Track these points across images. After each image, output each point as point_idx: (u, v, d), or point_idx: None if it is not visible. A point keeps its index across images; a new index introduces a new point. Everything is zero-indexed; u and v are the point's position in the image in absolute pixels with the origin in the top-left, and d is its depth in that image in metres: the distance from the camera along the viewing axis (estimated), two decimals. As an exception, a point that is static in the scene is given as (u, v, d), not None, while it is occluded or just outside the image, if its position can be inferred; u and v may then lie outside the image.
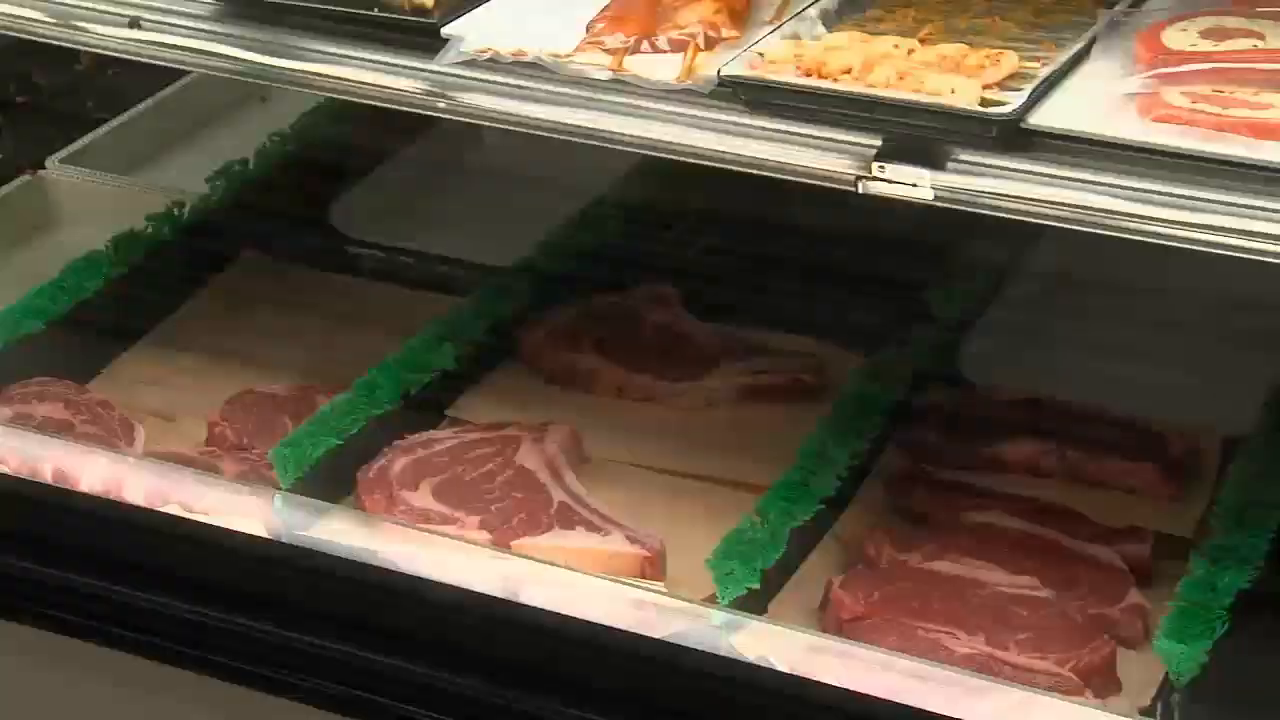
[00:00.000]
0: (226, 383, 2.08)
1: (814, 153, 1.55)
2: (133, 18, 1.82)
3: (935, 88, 1.51)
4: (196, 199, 2.31)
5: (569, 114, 1.64)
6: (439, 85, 1.69)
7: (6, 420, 1.94)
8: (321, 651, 1.74)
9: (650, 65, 1.61)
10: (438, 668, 1.71)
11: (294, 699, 1.77)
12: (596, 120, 1.62)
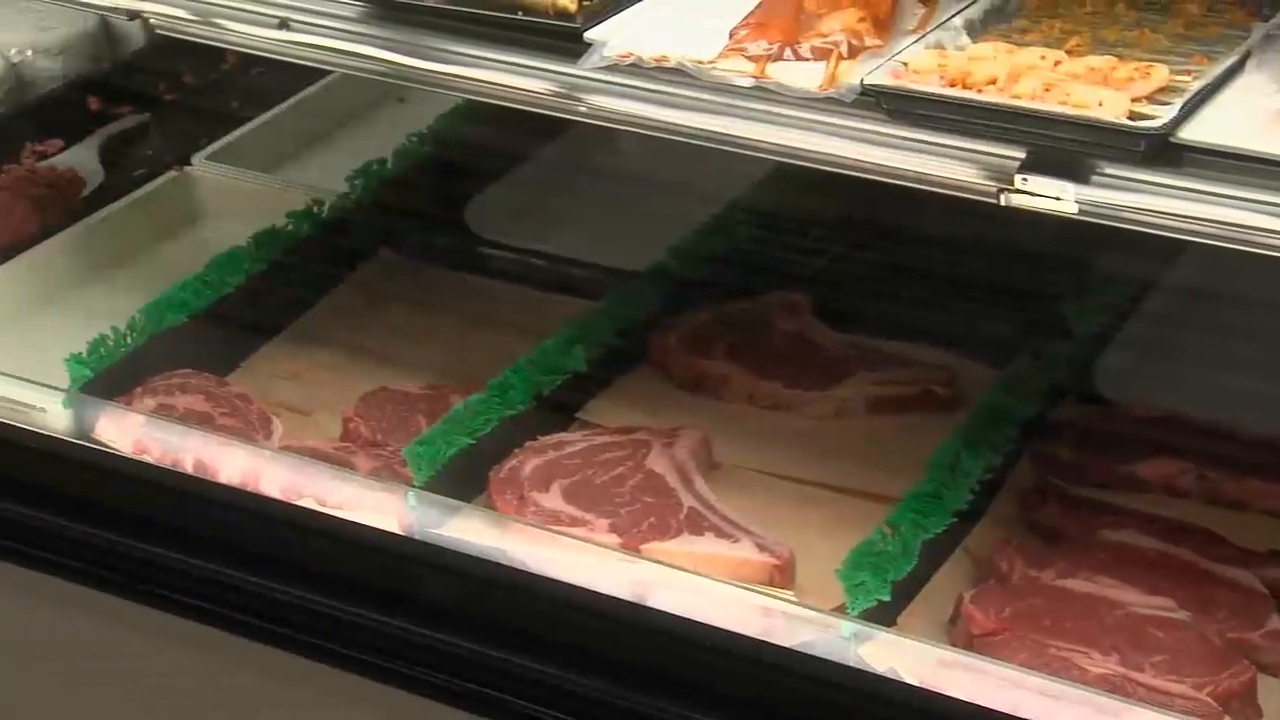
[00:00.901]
0: (361, 379, 2.09)
1: (955, 164, 1.52)
2: (282, 19, 1.83)
3: (1082, 100, 1.48)
4: (335, 197, 2.32)
5: (710, 120, 1.62)
6: (580, 89, 1.69)
7: (150, 411, 1.96)
8: (449, 648, 1.74)
9: (793, 73, 1.59)
10: (564, 668, 1.70)
11: (422, 694, 1.77)
12: (737, 127, 1.61)
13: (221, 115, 2.58)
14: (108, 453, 1.90)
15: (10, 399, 1.92)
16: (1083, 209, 1.47)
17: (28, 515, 1.88)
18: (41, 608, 1.94)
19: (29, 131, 2.49)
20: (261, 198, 2.39)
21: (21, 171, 2.37)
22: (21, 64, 2.59)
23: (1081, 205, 1.48)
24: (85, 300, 2.23)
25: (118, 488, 1.88)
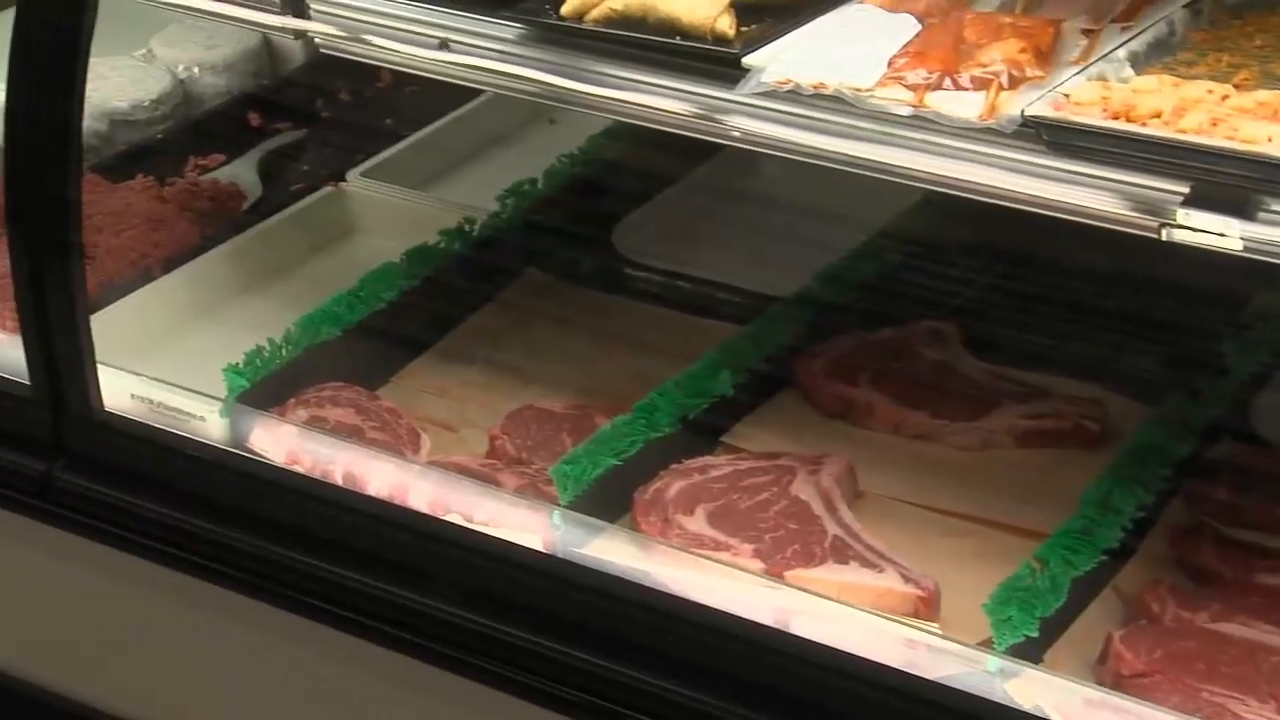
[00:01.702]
0: (507, 397, 2.10)
1: (1116, 198, 1.49)
2: (442, 39, 1.85)
3: (1251, 135, 1.44)
4: (486, 216, 2.33)
5: (866, 148, 1.60)
6: (735, 115, 1.68)
7: (302, 422, 1.98)
8: (590, 667, 1.74)
9: (952, 102, 1.57)
10: (705, 692, 1.69)
11: (559, 712, 1.77)
12: (894, 155, 1.59)
13: (376, 132, 2.61)
14: (261, 462, 1.92)
15: (171, 407, 1.95)
16: (1248, 246, 1.44)
17: (183, 520, 1.91)
18: (192, 611, 1.97)
19: (193, 145, 2.54)
20: (413, 214, 2.41)
21: (185, 184, 2.41)
22: (188, 80, 2.65)
23: (1247, 242, 1.44)
24: (243, 311, 2.27)
25: (269, 497, 1.90)
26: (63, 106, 1.83)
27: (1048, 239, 1.90)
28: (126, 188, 2.38)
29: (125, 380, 1.97)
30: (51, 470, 1.95)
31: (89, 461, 1.95)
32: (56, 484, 1.95)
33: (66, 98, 1.83)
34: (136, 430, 1.94)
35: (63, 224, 1.87)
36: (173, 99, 2.61)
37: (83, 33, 1.82)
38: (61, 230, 1.87)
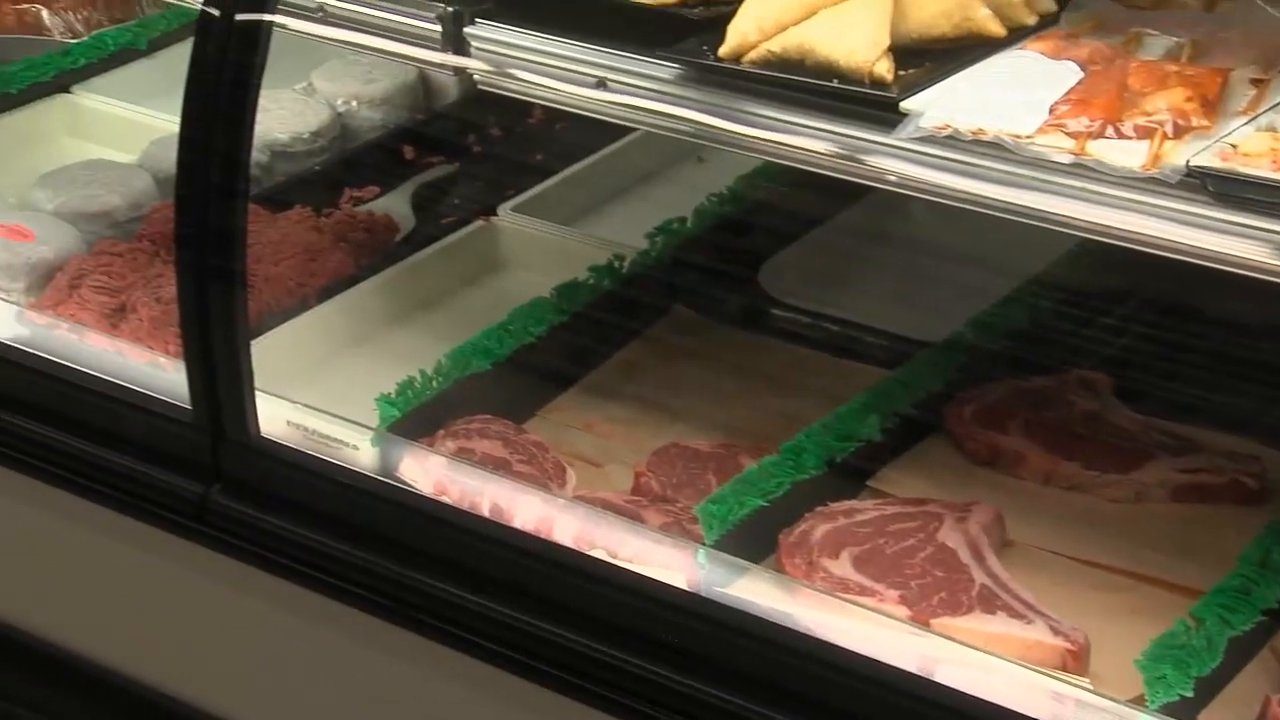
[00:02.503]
0: (653, 434, 2.10)
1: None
2: (600, 78, 1.86)
3: None
4: (635, 254, 2.34)
5: (1024, 195, 1.59)
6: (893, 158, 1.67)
7: (451, 453, 2.00)
8: (732, 708, 1.73)
9: (1114, 151, 1.55)
10: (847, 738, 1.68)
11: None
12: (1053, 204, 1.57)
13: (527, 167, 2.64)
14: (410, 491, 1.94)
15: (324, 434, 1.97)
16: None
17: (332, 547, 1.93)
18: (338, 635, 1.99)
19: (349, 177, 2.58)
20: (562, 249, 2.43)
21: (341, 215, 2.45)
22: (346, 113, 2.69)
23: None
24: (394, 341, 2.29)
25: (417, 526, 1.92)
26: (233, 139, 1.88)
27: (1203, 289, 1.87)
28: (285, 218, 2.42)
29: (281, 407, 2.01)
30: (208, 494, 1.99)
31: (244, 486, 1.99)
32: (212, 507, 1.99)
33: (237, 131, 1.87)
34: (291, 456, 1.97)
35: (229, 253, 1.91)
36: (331, 132, 2.65)
37: (254, 69, 1.86)
38: (227, 259, 1.91)
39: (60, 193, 2.44)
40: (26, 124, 2.66)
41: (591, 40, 1.87)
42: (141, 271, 2.27)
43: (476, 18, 1.92)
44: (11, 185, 2.51)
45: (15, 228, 2.33)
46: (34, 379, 2.13)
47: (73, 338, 2.16)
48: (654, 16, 1.91)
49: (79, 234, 2.37)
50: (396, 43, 1.94)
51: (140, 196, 2.46)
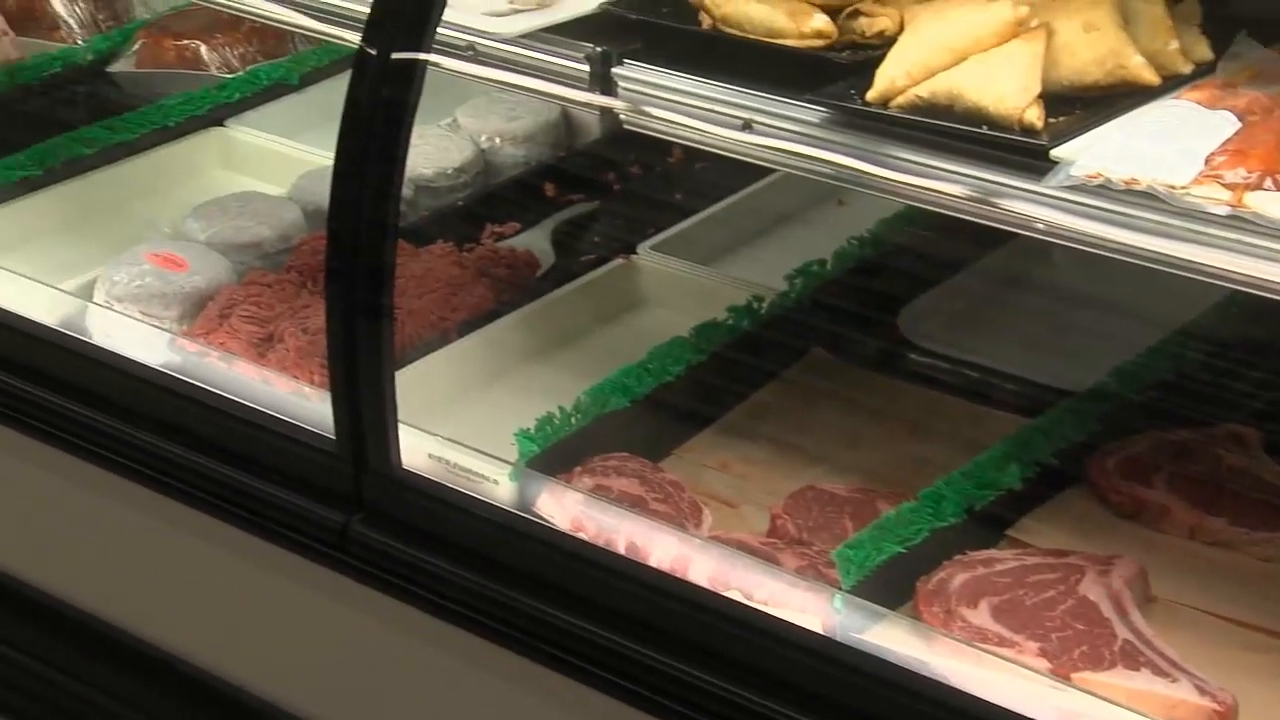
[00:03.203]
0: (788, 476, 2.09)
1: None
2: (746, 120, 1.87)
3: None
4: (775, 295, 2.33)
5: (1179, 247, 1.57)
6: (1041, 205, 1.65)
7: (588, 490, 2.00)
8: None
9: (1273, 203, 1.51)
10: (982, 791, 1.65)
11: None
12: (1209, 256, 1.55)
13: (666, 206, 2.64)
14: (547, 527, 1.95)
15: (465, 468, 1.99)
16: None
17: (469, 580, 1.94)
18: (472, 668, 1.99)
19: (491, 213, 2.60)
20: (701, 289, 2.43)
21: (484, 251, 2.47)
22: (490, 150, 2.72)
23: None
24: (533, 376, 2.30)
25: (553, 561, 1.92)
26: (385, 175, 1.90)
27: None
28: (428, 252, 2.45)
29: (422, 439, 2.02)
30: (349, 523, 2.01)
31: (385, 517, 2.00)
32: (353, 537, 2.00)
33: (389, 167, 1.90)
34: (431, 489, 1.98)
35: (377, 287, 1.93)
36: (474, 168, 2.68)
37: (408, 106, 1.89)
38: (375, 293, 1.93)
39: (213, 224, 2.49)
40: (182, 156, 2.72)
41: (738, 82, 1.88)
42: (289, 302, 2.31)
43: (624, 58, 1.94)
44: (166, 216, 2.56)
45: (170, 257, 2.37)
46: (184, 405, 2.17)
47: (222, 366, 2.20)
48: (800, 59, 1.91)
49: (230, 264, 2.41)
50: (546, 82, 1.97)
51: (289, 228, 2.50)
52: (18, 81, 2.80)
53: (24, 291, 2.33)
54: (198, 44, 2.88)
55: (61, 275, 2.40)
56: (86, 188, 2.62)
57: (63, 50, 2.91)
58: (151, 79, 2.87)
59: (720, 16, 1.97)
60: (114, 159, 2.66)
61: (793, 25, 1.92)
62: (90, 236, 2.55)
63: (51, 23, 3.00)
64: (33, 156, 2.59)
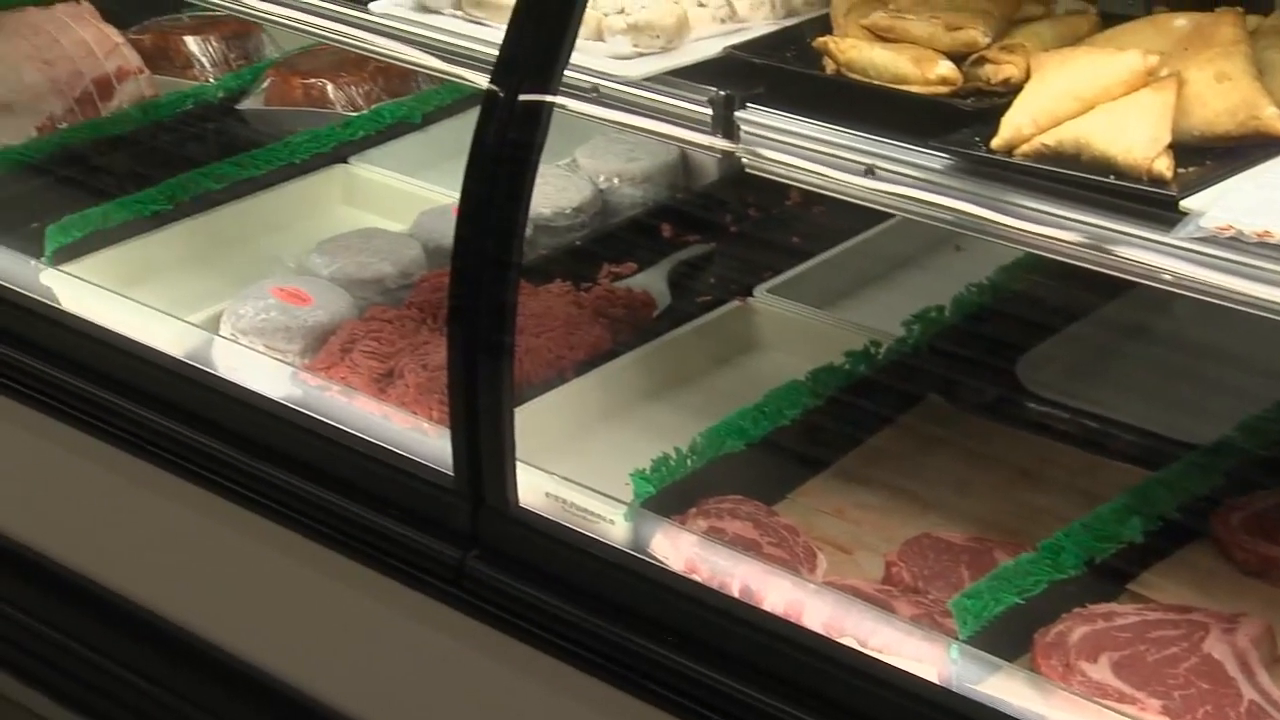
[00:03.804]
0: (903, 523, 2.07)
1: None
2: (868, 166, 1.86)
3: None
4: (892, 341, 2.31)
5: (1312, 302, 1.53)
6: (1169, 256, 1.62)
7: (702, 532, 1.99)
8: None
9: None
10: None
11: None
12: (1344, 311, 1.51)
13: (783, 249, 2.63)
14: (661, 568, 1.94)
15: (580, 507, 1.99)
16: None
17: (583, 618, 1.93)
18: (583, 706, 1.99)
19: (608, 253, 2.61)
20: (817, 333, 2.41)
21: (601, 291, 2.47)
22: (608, 190, 2.73)
23: None
24: (647, 416, 2.30)
25: (667, 603, 1.91)
26: (509, 215, 1.91)
27: None
28: (546, 290, 2.46)
29: (539, 477, 2.03)
30: (465, 559, 2.01)
31: (500, 553, 2.01)
32: (469, 572, 2.01)
33: (513, 207, 1.90)
34: (547, 527, 1.98)
35: (498, 326, 1.94)
36: (592, 208, 2.69)
37: (534, 147, 1.90)
38: (497, 332, 1.94)
39: (336, 259, 2.52)
40: (307, 192, 2.76)
41: (861, 128, 1.87)
42: (409, 338, 2.32)
43: (747, 102, 1.94)
44: (291, 250, 2.60)
45: (294, 291, 2.40)
46: (304, 438, 2.19)
47: (342, 400, 2.21)
48: (924, 105, 1.90)
49: (352, 300, 2.44)
50: (670, 125, 1.97)
51: (410, 265, 2.52)
52: (151, 118, 2.86)
53: (153, 323, 2.37)
54: (324, 82, 2.93)
55: (189, 307, 2.44)
56: (214, 222, 2.66)
57: (195, 88, 2.97)
58: (279, 116, 2.91)
59: (844, 62, 1.96)
60: (241, 194, 2.70)
61: (918, 71, 1.91)
62: (217, 270, 2.59)
63: (185, 61, 3.06)
64: (164, 191, 2.65)
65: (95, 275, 2.49)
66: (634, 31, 2.02)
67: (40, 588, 2.52)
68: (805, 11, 2.16)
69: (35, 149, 2.73)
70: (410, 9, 2.15)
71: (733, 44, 2.06)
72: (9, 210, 2.61)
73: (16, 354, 2.43)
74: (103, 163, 2.77)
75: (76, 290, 2.45)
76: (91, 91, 2.84)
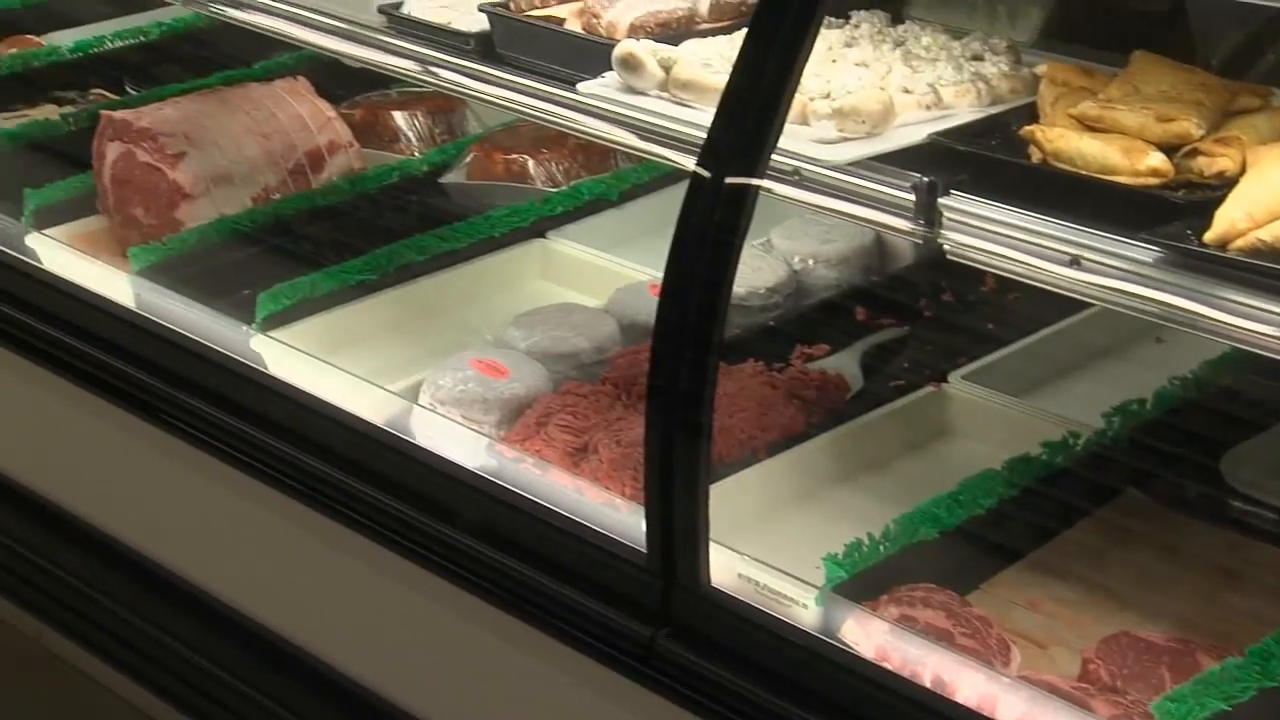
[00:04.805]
0: (1100, 619, 2.02)
1: None
2: (1074, 256, 1.83)
3: None
4: (1091, 432, 2.27)
5: None
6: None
7: (894, 620, 1.96)
8: None
9: None
10: None
11: None
12: None
13: (978, 334, 2.60)
14: (851, 654, 1.91)
15: (772, 589, 1.97)
16: None
17: (773, 702, 1.91)
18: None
19: (801, 333, 2.60)
20: (1011, 421, 2.37)
21: (795, 372, 2.47)
22: (802, 271, 2.73)
23: None
24: (839, 500, 2.29)
25: (857, 690, 1.89)
26: (711, 296, 1.92)
27: None
28: (739, 370, 2.45)
29: (731, 558, 2.02)
30: (655, 637, 2.01)
31: (691, 632, 2.00)
32: (659, 651, 2.00)
33: (716, 289, 1.91)
34: (738, 608, 1.97)
35: (697, 406, 1.94)
36: (786, 288, 2.69)
37: (738, 230, 1.91)
38: (695, 412, 1.94)
39: (533, 333, 2.55)
40: (505, 266, 2.80)
41: (1067, 217, 1.85)
42: (604, 414, 2.34)
43: (951, 189, 1.93)
44: (489, 322, 2.64)
45: (492, 364, 2.44)
46: (498, 508, 2.21)
47: (536, 473, 2.23)
48: (1133, 197, 1.87)
49: (548, 373, 2.46)
50: (874, 210, 1.96)
51: (606, 341, 2.54)
52: (359, 190, 2.94)
53: (355, 390, 2.43)
54: (525, 158, 2.98)
55: (389, 375, 2.49)
56: (416, 292, 2.72)
57: (401, 161, 3.04)
58: (480, 190, 2.97)
59: (1052, 151, 1.94)
60: (442, 266, 2.75)
61: (1127, 163, 1.88)
62: (417, 339, 2.64)
63: (392, 135, 3.14)
64: (369, 261, 2.71)
65: (301, 342, 2.56)
66: (839, 116, 2.03)
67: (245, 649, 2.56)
68: (1011, 100, 2.16)
69: (250, 219, 2.82)
70: (616, 90, 2.19)
71: (937, 130, 2.06)
72: (224, 277, 2.70)
73: (224, 415, 2.50)
74: (312, 232, 2.85)
75: (283, 356, 2.52)
76: (304, 163, 2.92)
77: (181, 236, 2.77)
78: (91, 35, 3.47)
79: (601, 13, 2.30)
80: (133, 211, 2.83)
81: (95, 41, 3.45)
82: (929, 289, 2.72)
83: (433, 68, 2.41)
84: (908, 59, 2.20)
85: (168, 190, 2.80)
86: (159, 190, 2.81)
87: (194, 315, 2.60)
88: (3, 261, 2.80)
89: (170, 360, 2.57)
